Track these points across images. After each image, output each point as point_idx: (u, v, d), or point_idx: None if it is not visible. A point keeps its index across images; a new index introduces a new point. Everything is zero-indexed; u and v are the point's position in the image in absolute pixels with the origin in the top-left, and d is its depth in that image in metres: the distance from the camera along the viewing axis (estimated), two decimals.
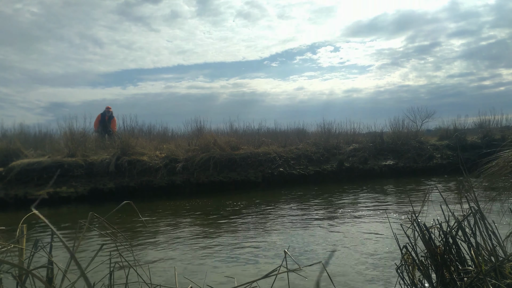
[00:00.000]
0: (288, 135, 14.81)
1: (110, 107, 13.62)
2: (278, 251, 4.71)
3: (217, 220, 6.93)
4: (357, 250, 4.61)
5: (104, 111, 13.53)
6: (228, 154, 11.63)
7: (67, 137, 11.47)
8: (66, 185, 9.94)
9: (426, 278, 1.96)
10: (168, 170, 10.91)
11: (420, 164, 13.41)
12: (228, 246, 5.05)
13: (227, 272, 4.05)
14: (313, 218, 6.66)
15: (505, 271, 1.69)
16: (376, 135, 14.96)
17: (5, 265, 1.33)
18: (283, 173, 11.75)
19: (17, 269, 1.34)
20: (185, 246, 5.13)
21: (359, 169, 12.75)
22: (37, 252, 1.45)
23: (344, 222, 6.17)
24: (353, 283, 3.57)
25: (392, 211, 7.03)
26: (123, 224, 6.76)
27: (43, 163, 10.42)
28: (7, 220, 7.77)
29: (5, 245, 1.39)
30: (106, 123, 13.42)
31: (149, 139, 12.67)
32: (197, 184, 10.79)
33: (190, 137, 13.30)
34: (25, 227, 1.50)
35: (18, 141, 11.91)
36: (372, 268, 3.95)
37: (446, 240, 1.94)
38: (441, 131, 16.35)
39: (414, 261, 2.01)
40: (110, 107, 13.64)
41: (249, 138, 13.34)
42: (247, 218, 6.92)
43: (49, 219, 0.99)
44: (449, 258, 1.93)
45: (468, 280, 1.78)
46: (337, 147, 13.73)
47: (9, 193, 9.35)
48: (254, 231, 5.84)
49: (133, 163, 10.76)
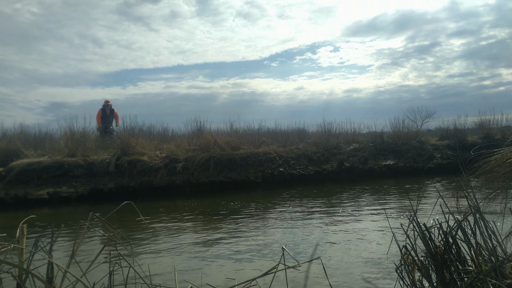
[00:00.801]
0: (288, 135, 14.80)
1: (108, 100, 13.69)
2: (278, 250, 4.71)
3: (217, 219, 6.93)
4: (356, 249, 4.61)
5: (104, 105, 13.57)
6: (228, 154, 11.63)
7: (67, 137, 11.47)
8: (66, 185, 9.95)
9: (426, 278, 1.96)
10: (168, 170, 10.91)
11: (420, 164, 13.41)
12: (228, 246, 5.05)
13: (227, 271, 4.05)
14: (313, 217, 6.66)
15: (506, 271, 1.69)
16: (376, 135, 14.96)
17: (5, 265, 1.33)
18: (283, 173, 11.75)
19: (17, 269, 1.34)
20: (185, 246, 5.13)
21: (359, 169, 12.75)
22: (37, 252, 1.45)
23: (343, 222, 6.17)
24: (352, 283, 3.57)
25: (392, 211, 7.03)
26: (123, 224, 6.76)
27: (43, 163, 10.43)
28: (7, 220, 7.77)
29: (5, 245, 1.39)
30: (108, 117, 13.51)
31: (149, 139, 12.67)
32: (197, 184, 10.79)
33: (190, 137, 13.30)
34: (25, 227, 1.50)
35: (18, 141, 11.91)
36: (371, 268, 3.95)
37: (446, 240, 1.94)
38: (441, 131, 16.35)
39: (414, 261, 2.01)
40: (109, 100, 13.73)
41: (249, 138, 13.34)
42: (247, 218, 6.92)
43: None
44: (449, 258, 1.93)
45: (468, 280, 1.78)
46: (337, 147, 13.73)
47: (9, 193, 9.35)
48: (254, 231, 5.84)
49: (133, 163, 10.76)
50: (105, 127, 13.37)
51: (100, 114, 13.41)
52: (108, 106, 13.53)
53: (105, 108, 13.51)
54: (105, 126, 13.39)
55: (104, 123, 13.43)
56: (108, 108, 13.53)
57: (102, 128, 13.32)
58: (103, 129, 13.29)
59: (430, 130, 17.99)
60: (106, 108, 13.50)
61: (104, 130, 13.27)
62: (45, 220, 7.26)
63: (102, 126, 13.35)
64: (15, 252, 1.44)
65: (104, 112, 13.47)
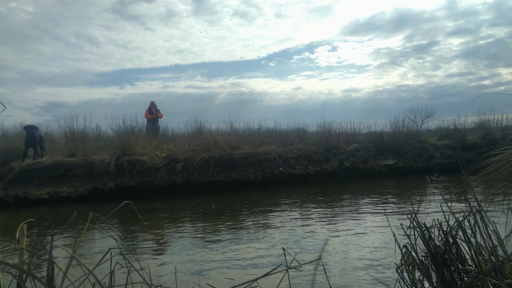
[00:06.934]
0: (288, 135, 14.80)
1: (153, 101, 15.31)
2: (278, 250, 4.71)
3: (217, 219, 6.93)
4: (357, 249, 4.61)
5: (149, 106, 15.04)
6: (228, 154, 11.63)
7: (67, 137, 11.47)
8: (66, 185, 9.95)
9: (426, 278, 1.96)
10: (168, 170, 10.91)
11: (420, 164, 13.42)
12: (229, 246, 5.05)
13: (228, 271, 4.05)
14: (313, 217, 6.66)
15: (506, 271, 1.69)
16: (376, 135, 14.96)
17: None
18: (283, 173, 11.75)
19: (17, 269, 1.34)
20: (185, 246, 5.13)
21: (359, 169, 12.75)
22: (37, 253, 1.44)
23: (344, 222, 6.17)
24: (353, 283, 3.57)
25: (392, 210, 7.03)
26: (124, 224, 6.76)
27: (43, 163, 10.43)
28: (7, 220, 7.77)
29: (5, 245, 1.39)
30: (155, 115, 14.92)
31: (149, 139, 12.67)
32: (197, 184, 10.79)
33: (190, 137, 13.31)
34: (25, 227, 1.50)
35: (18, 141, 11.92)
36: (371, 267, 3.95)
37: (446, 239, 1.94)
38: (441, 131, 16.35)
39: (414, 261, 2.01)
40: (154, 101, 15.34)
41: (249, 138, 13.33)
42: (247, 218, 6.92)
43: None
44: (449, 258, 1.93)
45: (468, 280, 1.78)
46: (337, 146, 13.73)
47: (9, 193, 9.35)
48: (255, 231, 5.84)
49: (133, 163, 10.76)
50: (150, 128, 14.58)
51: (147, 113, 14.88)
52: (154, 105, 15.05)
53: (151, 107, 14.96)
54: (150, 127, 14.64)
55: (150, 123, 14.81)
56: (154, 107, 15.00)
57: (148, 126, 14.66)
58: (148, 129, 14.47)
59: (430, 130, 17.99)
60: (152, 107, 14.95)
61: (148, 130, 14.36)
62: (45, 220, 7.26)
63: (148, 126, 14.61)
64: (16, 252, 1.44)
65: (151, 111, 14.90)
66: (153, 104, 15.07)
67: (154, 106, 15.05)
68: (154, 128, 14.59)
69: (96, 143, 12.30)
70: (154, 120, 14.88)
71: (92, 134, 13.01)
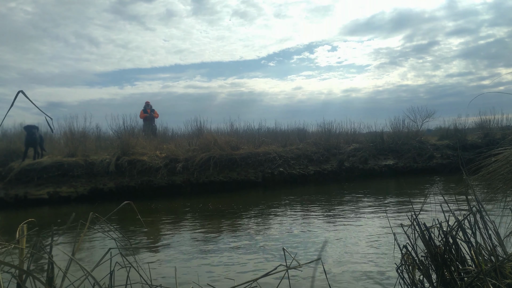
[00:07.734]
0: (288, 135, 14.79)
1: (148, 101, 15.32)
2: (278, 250, 4.71)
3: (217, 219, 6.93)
4: (357, 249, 4.61)
5: (144, 106, 15.03)
6: (228, 154, 11.63)
7: (67, 137, 11.47)
8: (66, 185, 9.95)
9: (426, 278, 1.96)
10: (168, 170, 10.91)
11: (420, 164, 13.41)
12: (229, 246, 5.05)
13: (228, 271, 4.05)
14: (313, 217, 6.66)
15: (506, 271, 1.69)
16: (376, 135, 14.96)
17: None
18: (283, 173, 11.75)
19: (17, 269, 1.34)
20: (185, 246, 5.13)
21: (359, 169, 12.75)
22: (37, 253, 1.45)
23: (344, 222, 6.17)
24: (353, 283, 3.57)
25: (392, 210, 7.03)
26: (124, 224, 6.76)
27: (43, 163, 10.43)
28: (7, 220, 7.76)
29: (5, 245, 1.39)
30: (150, 115, 14.93)
31: (149, 139, 12.67)
32: (197, 184, 10.79)
33: (190, 137, 13.31)
34: (25, 227, 1.50)
35: (18, 141, 11.91)
36: (371, 267, 3.95)
37: (446, 240, 1.94)
38: (442, 131, 16.34)
39: (414, 261, 2.01)
40: (148, 101, 15.37)
41: (249, 138, 13.33)
42: (247, 218, 6.93)
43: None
44: (449, 258, 1.93)
45: (468, 280, 1.78)
46: (337, 147, 13.73)
47: (9, 193, 9.35)
48: (255, 231, 5.84)
49: (133, 163, 10.76)
50: (147, 128, 14.62)
51: (142, 113, 14.87)
52: (148, 106, 15.08)
53: (145, 107, 14.99)
54: (146, 126, 14.68)
55: (146, 122, 14.83)
56: (149, 107, 15.05)
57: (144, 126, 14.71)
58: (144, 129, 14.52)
59: (430, 130, 17.99)
60: (146, 108, 14.98)
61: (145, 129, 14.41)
62: (45, 220, 7.26)
63: (145, 126, 14.66)
64: (16, 252, 1.44)
65: (145, 111, 14.90)
66: (147, 104, 15.11)
67: (149, 106, 15.09)
68: (151, 128, 14.60)
69: (96, 143, 12.30)
70: (150, 120, 14.93)
71: (92, 134, 13.01)
